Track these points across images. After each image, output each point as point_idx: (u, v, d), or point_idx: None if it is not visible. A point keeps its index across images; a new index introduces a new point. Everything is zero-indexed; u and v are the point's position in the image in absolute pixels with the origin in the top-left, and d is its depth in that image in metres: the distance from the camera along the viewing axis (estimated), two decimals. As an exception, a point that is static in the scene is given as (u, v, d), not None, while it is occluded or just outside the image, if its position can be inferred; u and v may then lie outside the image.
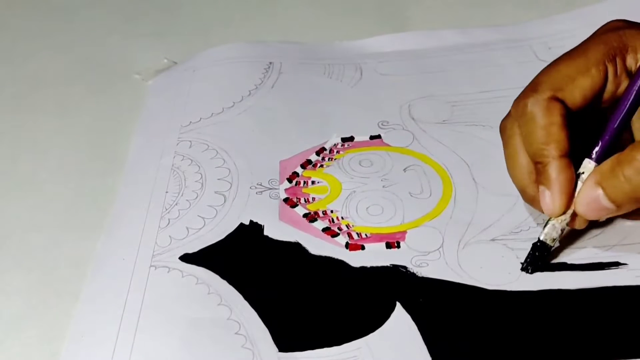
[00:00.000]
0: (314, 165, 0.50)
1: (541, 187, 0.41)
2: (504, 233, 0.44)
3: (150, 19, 0.72)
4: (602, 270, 0.41)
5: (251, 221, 0.46)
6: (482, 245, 0.43)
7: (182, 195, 0.49)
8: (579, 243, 0.43)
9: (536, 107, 0.41)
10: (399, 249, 0.44)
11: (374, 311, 0.40)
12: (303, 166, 0.50)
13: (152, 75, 0.63)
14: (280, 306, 0.41)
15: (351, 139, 0.52)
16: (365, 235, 0.45)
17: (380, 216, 0.46)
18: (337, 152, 0.51)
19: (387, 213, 0.46)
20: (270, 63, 0.61)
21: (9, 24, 0.74)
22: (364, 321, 0.40)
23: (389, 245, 0.44)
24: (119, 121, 0.58)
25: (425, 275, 0.42)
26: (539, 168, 0.41)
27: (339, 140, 0.52)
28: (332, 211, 0.47)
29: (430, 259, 0.43)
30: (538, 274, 0.41)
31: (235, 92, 0.58)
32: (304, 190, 0.49)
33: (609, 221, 0.43)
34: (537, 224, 0.44)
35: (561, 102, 0.41)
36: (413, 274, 0.42)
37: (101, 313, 0.42)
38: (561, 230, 0.41)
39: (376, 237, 0.45)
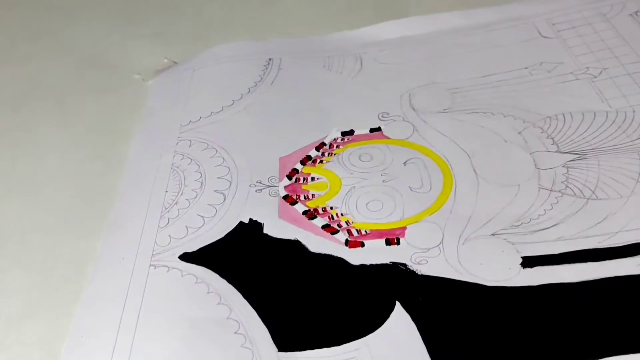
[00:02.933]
0: (314, 161, 0.50)
1: None
2: (504, 227, 0.44)
3: (150, 19, 0.72)
4: (603, 260, 0.41)
5: (251, 219, 0.46)
6: (482, 241, 0.43)
7: (181, 195, 0.49)
8: (581, 233, 0.43)
9: None
10: (399, 246, 0.43)
11: (374, 311, 0.40)
12: (303, 162, 0.50)
13: (152, 75, 0.63)
14: (279, 305, 0.41)
15: (351, 132, 0.52)
16: (365, 231, 0.45)
17: (380, 212, 0.46)
18: (337, 146, 0.51)
19: (387, 208, 0.46)
20: (270, 59, 0.61)
21: (9, 24, 0.74)
22: (364, 321, 0.40)
23: (388, 242, 0.44)
24: (119, 121, 0.58)
25: (425, 273, 0.42)
26: None
27: (339, 135, 0.52)
28: (331, 208, 0.47)
29: (430, 255, 0.43)
30: (537, 268, 0.41)
31: (235, 90, 0.58)
32: (303, 187, 0.48)
33: (613, 208, 0.43)
34: (539, 215, 0.44)
35: None
36: (413, 272, 0.42)
37: (101, 312, 0.42)
38: None
39: (376, 234, 0.44)
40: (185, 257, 0.44)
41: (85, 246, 0.47)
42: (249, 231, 0.46)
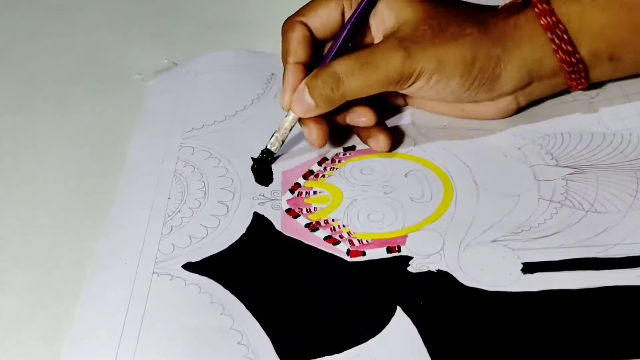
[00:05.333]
0: (316, 176, 0.50)
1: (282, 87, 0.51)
2: (504, 234, 0.44)
3: (150, 20, 0.72)
4: (603, 269, 0.41)
5: (253, 232, 0.46)
6: (483, 247, 0.44)
7: (184, 203, 0.49)
8: (581, 242, 0.43)
9: (287, 26, 0.52)
10: (400, 253, 0.44)
11: (375, 316, 0.40)
12: (305, 177, 0.50)
13: (152, 76, 0.63)
14: (282, 316, 0.41)
15: (353, 147, 0.52)
16: (367, 241, 0.45)
17: (381, 222, 0.46)
18: (339, 161, 0.51)
19: (388, 219, 0.46)
20: (272, 74, 0.61)
21: (9, 24, 0.74)
22: (365, 327, 0.40)
23: (389, 250, 0.44)
24: (119, 121, 0.58)
25: (426, 278, 0.42)
26: (283, 73, 0.52)
27: (341, 150, 0.52)
28: (333, 220, 0.47)
29: (431, 261, 0.43)
30: (538, 274, 0.41)
31: (238, 100, 0.58)
32: (305, 200, 0.49)
33: (611, 221, 0.44)
34: (539, 223, 0.44)
35: (307, 26, 0.52)
36: (414, 277, 0.42)
37: (102, 316, 0.42)
38: (283, 138, 0.51)
39: (377, 243, 0.45)
40: (189, 266, 0.44)
41: (85, 246, 0.47)
42: (252, 243, 0.46)
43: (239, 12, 0.72)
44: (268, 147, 0.51)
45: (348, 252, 0.44)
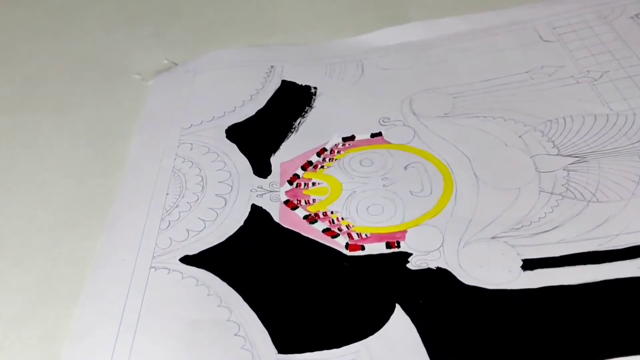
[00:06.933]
0: (315, 167, 0.50)
1: None
2: (504, 230, 0.44)
3: (150, 20, 0.72)
4: (604, 262, 0.41)
5: (251, 224, 0.46)
6: (482, 244, 0.43)
7: (182, 198, 0.49)
8: (582, 235, 0.43)
9: None
10: (399, 249, 0.44)
11: (373, 313, 0.40)
12: (304, 168, 0.50)
13: (152, 76, 0.63)
14: (279, 308, 0.41)
15: (352, 138, 0.52)
16: (365, 235, 0.45)
17: (380, 216, 0.46)
18: (338, 152, 0.51)
19: (387, 212, 0.46)
20: (272, 66, 0.61)
21: (9, 24, 0.74)
22: (363, 323, 0.40)
23: (389, 245, 0.44)
24: (119, 121, 0.58)
25: (425, 276, 0.42)
26: None
27: (340, 140, 0.52)
28: (332, 212, 0.47)
29: (430, 258, 0.43)
30: (538, 271, 0.41)
31: (237, 96, 0.58)
32: (304, 192, 0.49)
33: (613, 211, 0.44)
34: (539, 218, 0.44)
35: None
36: (413, 274, 0.42)
37: (101, 313, 0.42)
38: None
39: (376, 237, 0.45)
40: (186, 259, 0.44)
41: (85, 246, 0.47)
42: (250, 235, 0.46)
43: (238, 12, 0.72)
44: None
45: (347, 246, 0.44)
